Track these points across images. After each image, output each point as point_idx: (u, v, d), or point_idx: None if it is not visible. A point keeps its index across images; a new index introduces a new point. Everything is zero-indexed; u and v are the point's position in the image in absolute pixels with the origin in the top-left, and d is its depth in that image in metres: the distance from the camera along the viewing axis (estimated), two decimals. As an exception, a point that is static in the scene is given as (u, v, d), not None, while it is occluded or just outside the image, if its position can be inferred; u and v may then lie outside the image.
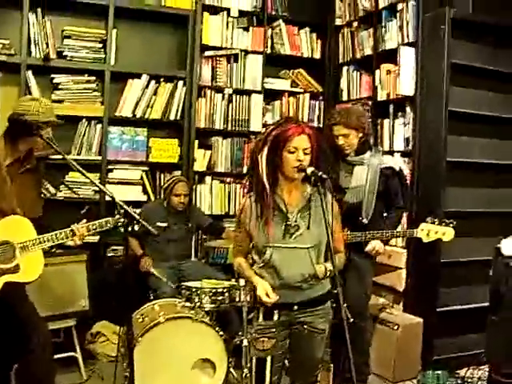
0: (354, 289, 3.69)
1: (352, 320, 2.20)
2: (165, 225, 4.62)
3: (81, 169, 2.93)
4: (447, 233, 3.48)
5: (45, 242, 2.89)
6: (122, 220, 2.79)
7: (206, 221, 4.94)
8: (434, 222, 3.51)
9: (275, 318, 2.71)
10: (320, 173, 2.54)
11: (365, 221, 3.71)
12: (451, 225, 3.48)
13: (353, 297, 3.59)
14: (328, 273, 2.67)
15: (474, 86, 4.61)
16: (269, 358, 2.74)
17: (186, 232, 4.81)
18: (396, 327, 4.25)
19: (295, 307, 2.70)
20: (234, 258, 2.87)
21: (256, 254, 2.74)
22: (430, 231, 3.50)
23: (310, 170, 2.58)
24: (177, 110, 5.13)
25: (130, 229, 2.83)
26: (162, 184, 4.95)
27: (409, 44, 4.61)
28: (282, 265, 2.66)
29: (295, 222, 2.66)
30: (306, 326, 2.73)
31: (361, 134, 3.75)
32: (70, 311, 4.09)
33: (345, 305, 2.26)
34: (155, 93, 5.07)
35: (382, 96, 4.91)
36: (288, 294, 2.67)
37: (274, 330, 2.72)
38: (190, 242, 4.95)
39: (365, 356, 3.90)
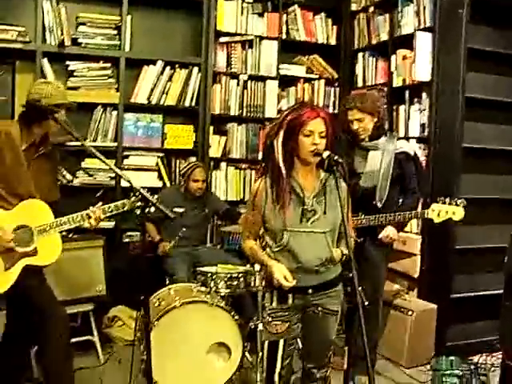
0: (365, 278, 3.73)
1: (367, 303, 2.22)
2: (182, 210, 4.66)
3: (96, 152, 2.95)
4: (457, 212, 3.47)
5: (62, 225, 2.93)
6: (139, 203, 2.82)
7: (222, 206, 4.98)
8: (444, 203, 3.51)
9: (289, 301, 2.75)
10: (336, 157, 2.56)
11: (379, 204, 3.73)
12: (461, 204, 3.47)
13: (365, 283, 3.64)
14: (344, 257, 2.71)
15: (491, 72, 4.60)
16: (281, 342, 2.78)
17: (202, 218, 4.85)
18: (410, 313, 4.28)
19: (310, 290, 2.73)
20: (245, 242, 2.89)
21: (271, 238, 2.75)
22: (440, 211, 3.50)
23: (326, 153, 2.60)
24: (192, 97, 5.16)
25: (146, 211, 2.86)
26: (179, 170, 4.97)
27: (425, 29, 4.58)
28: (299, 249, 2.68)
29: (312, 206, 2.68)
30: (319, 308, 2.76)
31: (376, 119, 3.77)
32: (87, 296, 4.15)
33: (360, 288, 2.28)
34: (170, 79, 5.10)
35: (397, 82, 4.90)
36: (304, 278, 2.70)
37: (287, 313, 2.76)
38: (205, 227, 5.00)
39: (372, 342, 3.92)
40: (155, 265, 4.61)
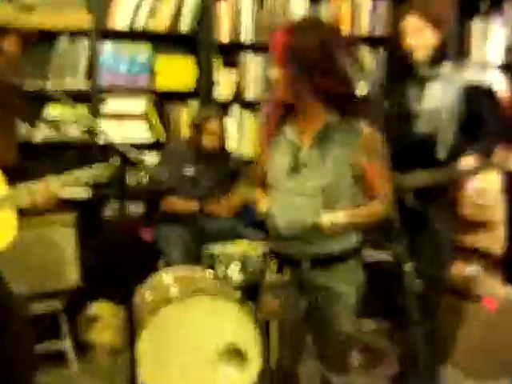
0: (423, 250, 3.71)
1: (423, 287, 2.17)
2: (192, 172, 4.74)
3: (61, 95, 2.95)
4: None
5: (18, 198, 2.93)
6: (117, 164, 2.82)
7: (241, 166, 5.02)
8: None
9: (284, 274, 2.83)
10: None
11: (441, 156, 3.67)
12: None
13: (422, 260, 3.62)
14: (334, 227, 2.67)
15: None
16: (273, 324, 2.87)
17: (220, 180, 4.89)
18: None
19: (305, 264, 2.77)
20: None
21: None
22: None
23: None
24: (190, 19, 5.12)
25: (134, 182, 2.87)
26: (192, 120, 4.93)
27: None
28: (276, 211, 2.79)
29: (305, 157, 2.73)
30: (321, 290, 2.79)
31: (439, 35, 3.67)
32: (55, 289, 4.21)
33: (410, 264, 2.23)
34: (159, -4, 5.08)
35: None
36: (294, 247, 2.78)
37: (278, 288, 2.83)
38: (224, 192, 4.97)
39: (434, 343, 3.90)
40: (145, 245, 4.64)
